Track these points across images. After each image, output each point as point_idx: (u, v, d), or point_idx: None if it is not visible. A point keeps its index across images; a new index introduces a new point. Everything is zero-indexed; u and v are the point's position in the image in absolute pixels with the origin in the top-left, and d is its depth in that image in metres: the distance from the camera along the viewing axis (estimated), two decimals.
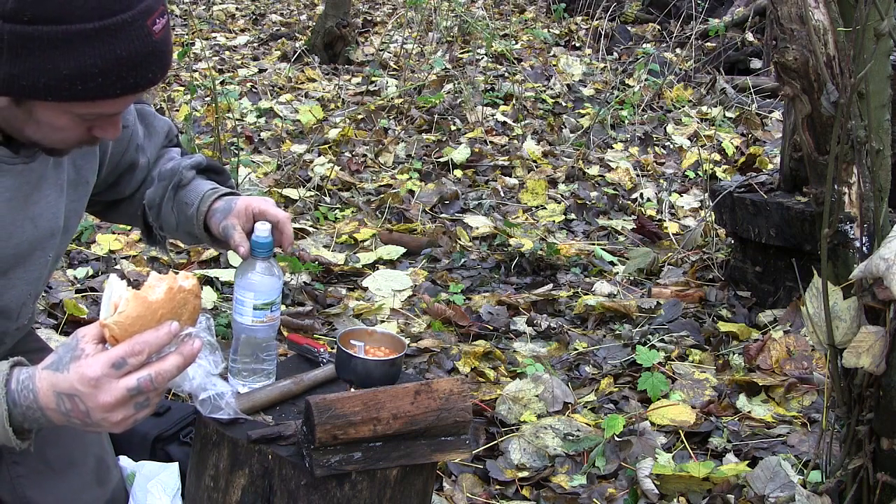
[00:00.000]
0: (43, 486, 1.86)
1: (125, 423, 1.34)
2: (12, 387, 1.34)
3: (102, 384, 1.30)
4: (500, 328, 3.43)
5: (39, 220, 1.64)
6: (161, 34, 1.42)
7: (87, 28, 1.34)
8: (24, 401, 1.34)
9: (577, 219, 4.61)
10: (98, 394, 1.30)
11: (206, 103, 5.54)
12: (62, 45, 1.35)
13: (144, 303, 1.33)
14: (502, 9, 9.16)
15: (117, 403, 1.31)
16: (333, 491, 1.62)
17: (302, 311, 3.42)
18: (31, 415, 1.35)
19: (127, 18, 1.37)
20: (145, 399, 1.33)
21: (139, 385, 1.31)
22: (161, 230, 1.91)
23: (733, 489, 2.39)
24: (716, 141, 5.62)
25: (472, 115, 5.81)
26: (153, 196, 1.86)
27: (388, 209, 4.52)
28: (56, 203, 1.67)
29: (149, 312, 1.33)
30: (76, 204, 1.75)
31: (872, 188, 1.81)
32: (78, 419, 1.33)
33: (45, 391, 1.33)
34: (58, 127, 1.47)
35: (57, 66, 1.36)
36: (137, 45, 1.39)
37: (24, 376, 1.35)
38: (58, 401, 1.32)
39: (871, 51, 1.71)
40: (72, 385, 1.31)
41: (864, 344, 1.67)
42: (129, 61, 1.39)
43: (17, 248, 1.61)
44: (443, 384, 1.67)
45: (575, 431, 2.73)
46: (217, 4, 9.72)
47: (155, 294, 1.34)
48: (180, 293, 1.36)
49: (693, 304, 3.56)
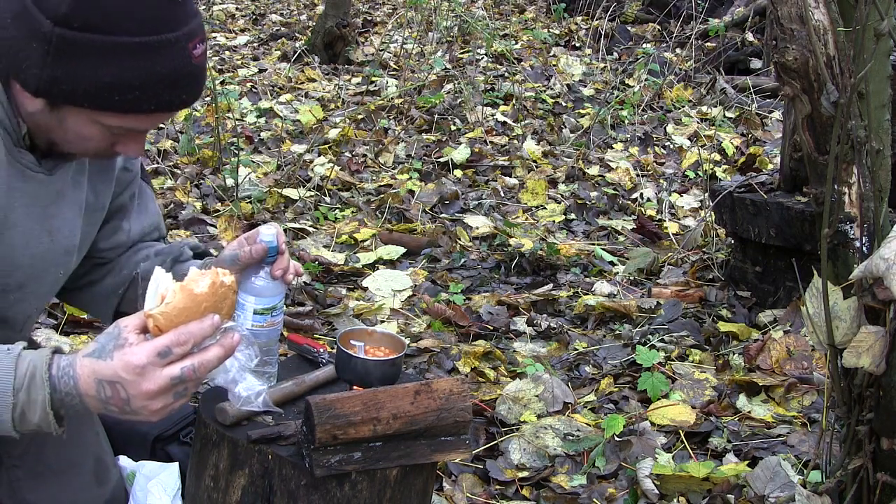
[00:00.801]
0: (42, 488, 1.87)
1: (163, 411, 1.38)
2: (53, 372, 1.38)
3: (147, 372, 1.34)
4: (500, 328, 3.43)
5: (56, 235, 1.66)
6: (199, 59, 1.48)
7: (133, 42, 1.40)
8: (65, 387, 1.37)
9: (577, 219, 4.61)
10: (142, 381, 1.34)
11: (206, 103, 5.54)
12: (107, 55, 1.40)
13: (191, 295, 1.37)
14: (502, 9, 9.16)
15: (160, 391, 1.35)
16: (333, 491, 1.62)
17: (302, 311, 3.42)
18: (70, 401, 1.38)
19: (171, 38, 1.42)
20: (184, 388, 1.37)
21: (182, 374, 1.35)
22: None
23: (733, 489, 2.39)
24: (716, 141, 5.62)
25: (472, 115, 5.82)
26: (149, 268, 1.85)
27: (388, 209, 4.52)
28: (73, 221, 1.69)
29: (194, 304, 1.37)
30: (91, 228, 1.77)
31: (872, 188, 1.81)
32: (116, 406, 1.37)
33: (85, 378, 1.36)
34: (84, 136, 1.51)
35: (98, 74, 1.41)
36: (177, 65, 1.44)
37: (65, 363, 1.38)
38: (98, 388, 1.36)
39: (871, 51, 1.71)
40: (115, 372, 1.34)
41: (864, 344, 1.67)
42: (167, 79, 1.44)
43: (32, 258, 1.62)
44: (443, 384, 1.67)
45: (575, 431, 2.73)
46: (217, 4, 9.72)
47: (200, 287, 1.38)
48: (222, 288, 1.40)
49: (693, 304, 3.56)
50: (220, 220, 4.21)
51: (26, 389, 1.36)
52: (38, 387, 1.36)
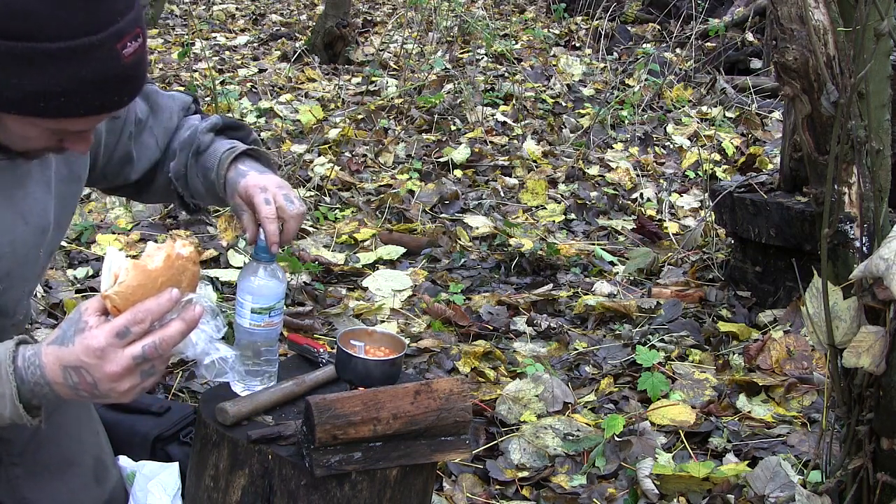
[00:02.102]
0: (41, 487, 1.87)
1: (132, 392, 1.36)
2: (19, 364, 1.36)
3: (108, 354, 1.32)
4: (500, 328, 3.43)
5: (29, 217, 1.64)
6: (132, 58, 1.40)
7: (53, 48, 1.33)
8: (32, 377, 1.36)
9: (577, 219, 4.61)
10: (104, 364, 1.32)
11: (206, 103, 5.54)
12: (27, 63, 1.33)
13: (144, 272, 1.34)
14: (502, 9, 9.16)
15: (124, 372, 1.33)
16: (333, 491, 1.62)
17: (302, 311, 3.42)
18: (40, 391, 1.37)
19: (95, 41, 1.35)
20: (151, 367, 1.35)
21: (144, 352, 1.33)
22: (193, 199, 1.91)
23: (733, 489, 2.39)
24: (716, 141, 5.62)
25: (472, 115, 5.81)
26: (177, 167, 1.87)
27: (388, 209, 4.52)
28: (44, 199, 1.67)
29: (149, 281, 1.34)
30: (67, 200, 1.74)
31: (872, 188, 1.81)
32: (86, 391, 1.35)
33: (51, 366, 1.35)
34: (27, 137, 1.46)
35: (21, 82, 1.34)
36: (104, 69, 1.37)
37: (30, 353, 1.37)
38: (65, 374, 1.34)
39: (871, 51, 1.71)
40: (78, 357, 1.33)
41: (864, 344, 1.67)
42: (94, 84, 1.37)
43: (11, 245, 1.61)
44: (443, 384, 1.67)
45: (575, 431, 2.73)
46: (217, 4, 9.72)
47: (154, 263, 1.35)
48: (178, 260, 1.37)
49: (693, 304, 3.56)
50: (219, 220, 4.21)
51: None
52: (4, 381, 1.35)
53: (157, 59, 7.24)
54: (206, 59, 6.84)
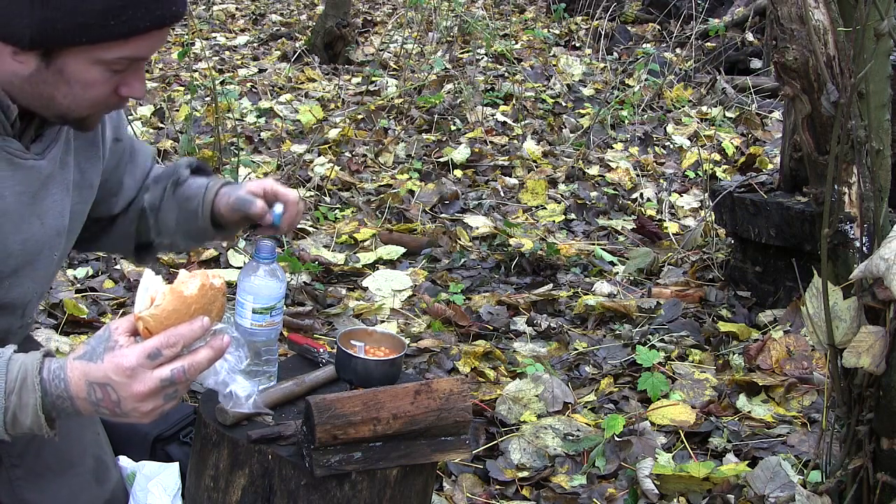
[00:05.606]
0: (42, 487, 1.87)
1: (153, 413, 1.38)
2: (44, 375, 1.37)
3: (137, 374, 1.33)
4: (500, 328, 3.43)
5: (46, 218, 1.66)
6: None
7: None
8: (56, 390, 1.37)
9: (577, 219, 4.61)
10: (132, 383, 1.34)
11: (206, 103, 5.54)
12: None
13: (180, 297, 1.37)
14: (502, 9, 9.15)
15: (150, 393, 1.34)
16: (333, 491, 1.62)
17: (302, 311, 3.42)
18: (61, 404, 1.38)
19: None
20: (174, 391, 1.37)
21: (172, 376, 1.34)
22: (158, 235, 1.93)
23: (733, 489, 2.39)
24: (716, 141, 5.62)
25: (472, 115, 5.81)
26: (153, 198, 1.91)
27: (388, 209, 4.52)
28: (62, 202, 1.70)
29: (183, 307, 1.37)
30: (81, 206, 1.77)
31: (872, 188, 1.81)
32: (107, 408, 1.37)
33: (76, 380, 1.36)
34: (88, 82, 1.50)
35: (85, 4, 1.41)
36: None
37: (56, 366, 1.38)
38: (89, 390, 1.35)
39: (871, 51, 1.71)
40: (106, 374, 1.34)
41: (864, 344, 1.67)
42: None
43: (24, 244, 1.62)
44: (443, 384, 1.67)
45: (575, 431, 2.73)
46: (217, 4, 9.72)
47: (189, 289, 1.38)
48: (211, 290, 1.40)
49: (693, 304, 3.56)
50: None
51: (17, 393, 1.36)
52: (30, 390, 1.36)
53: (157, 59, 7.24)
54: (205, 59, 6.84)
